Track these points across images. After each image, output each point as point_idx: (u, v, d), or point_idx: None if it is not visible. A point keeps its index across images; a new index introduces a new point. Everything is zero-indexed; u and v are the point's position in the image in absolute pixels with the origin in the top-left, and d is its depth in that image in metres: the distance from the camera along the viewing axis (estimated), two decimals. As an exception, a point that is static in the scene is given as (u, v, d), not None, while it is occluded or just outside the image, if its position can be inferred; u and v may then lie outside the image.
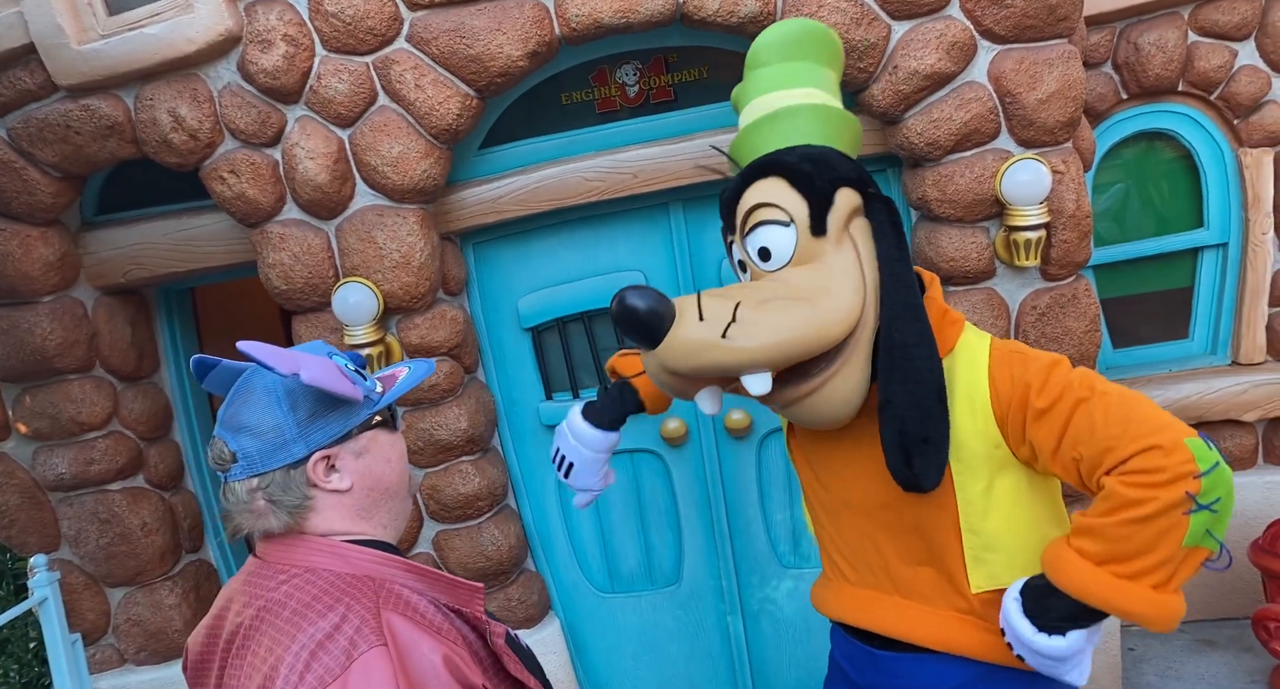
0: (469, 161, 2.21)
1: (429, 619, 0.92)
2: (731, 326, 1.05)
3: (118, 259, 2.23)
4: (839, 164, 1.17)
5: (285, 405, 0.93)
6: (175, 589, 2.32)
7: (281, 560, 0.94)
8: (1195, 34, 2.43)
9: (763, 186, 1.17)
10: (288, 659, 0.84)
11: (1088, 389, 1.06)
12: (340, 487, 0.96)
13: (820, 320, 1.08)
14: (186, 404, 2.46)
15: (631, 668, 2.52)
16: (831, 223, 1.14)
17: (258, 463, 0.93)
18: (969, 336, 1.20)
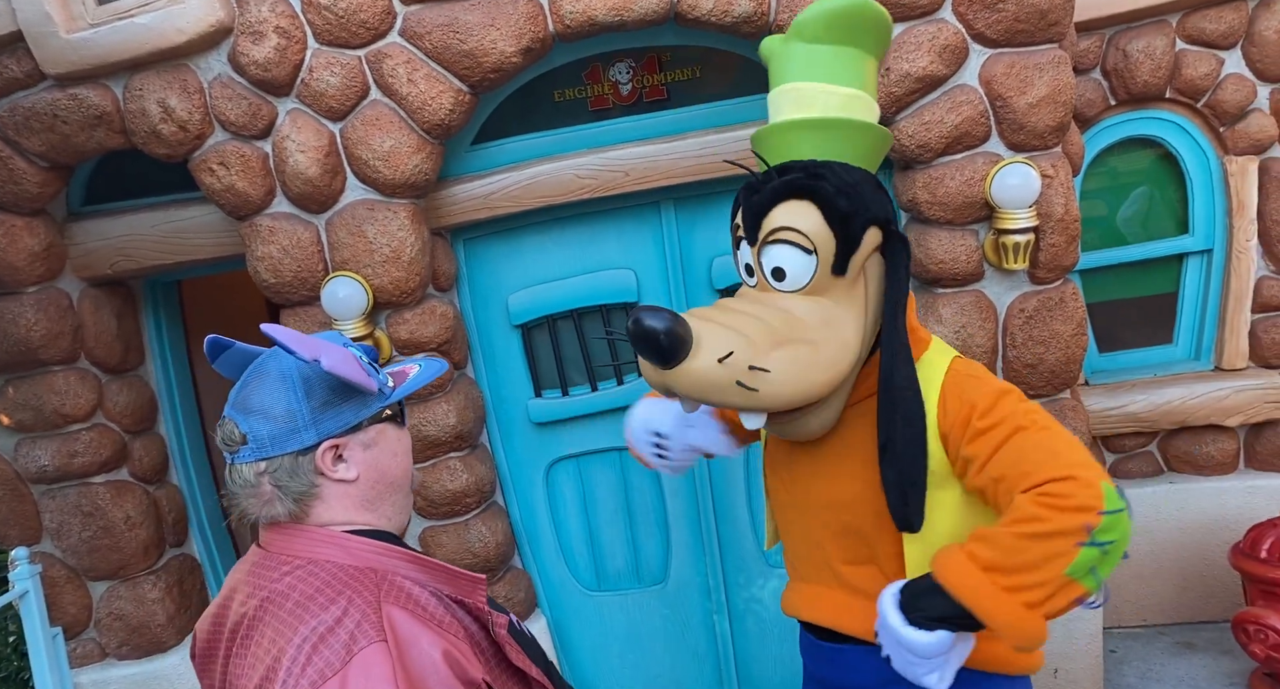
0: (461, 157, 2.21)
1: (430, 612, 0.92)
2: (748, 375, 1.06)
3: (104, 250, 2.22)
4: (872, 200, 1.15)
5: (300, 391, 0.93)
6: (159, 583, 2.30)
7: (284, 551, 0.95)
8: (1183, 42, 2.46)
9: (795, 210, 1.13)
10: (290, 651, 0.84)
11: (1029, 420, 1.08)
12: (347, 477, 0.96)
13: (827, 367, 1.11)
14: (172, 397, 2.44)
15: (618, 666, 2.52)
16: (853, 264, 1.14)
17: (268, 447, 0.93)
18: (931, 355, 1.22)
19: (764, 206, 1.15)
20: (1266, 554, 2.29)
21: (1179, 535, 2.67)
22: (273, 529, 0.97)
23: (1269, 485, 2.63)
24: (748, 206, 1.18)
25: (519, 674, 1.00)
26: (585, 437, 2.43)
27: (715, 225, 2.32)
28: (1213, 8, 2.41)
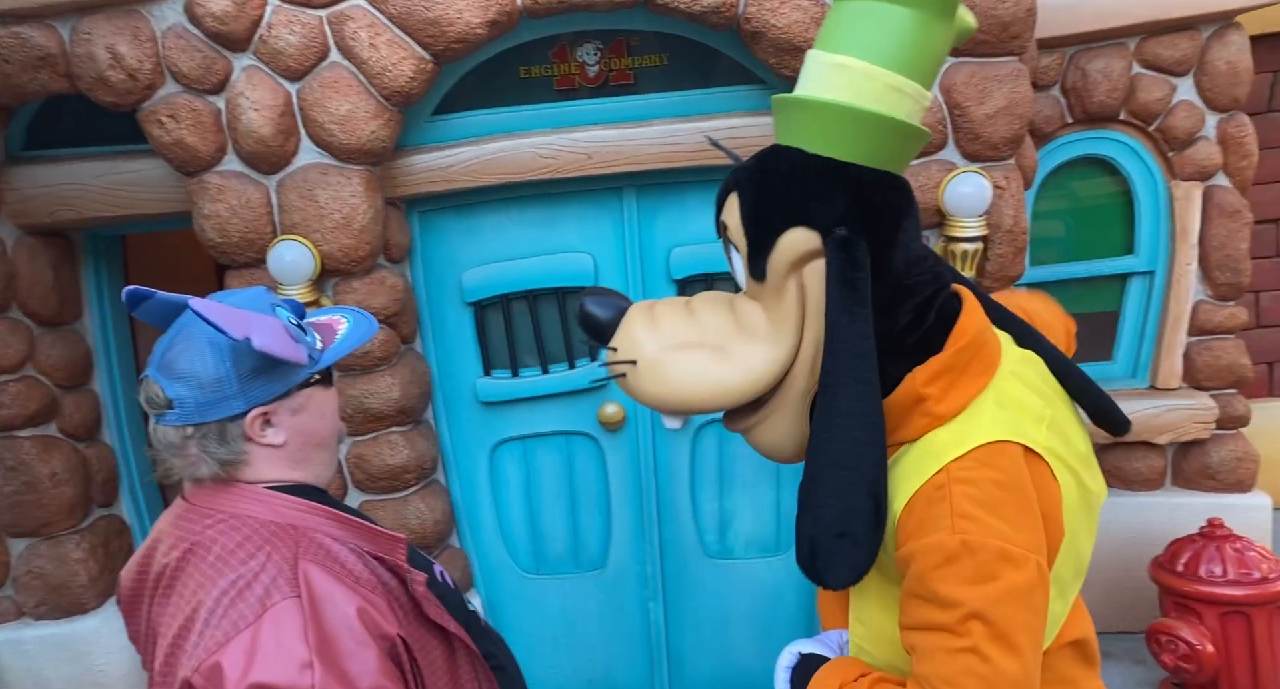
0: (420, 127, 2.18)
1: (349, 569, 0.94)
2: (636, 368, 1.04)
3: (44, 198, 2.14)
4: (805, 192, 0.96)
5: (229, 360, 0.93)
6: (83, 543, 2.24)
7: (208, 504, 0.96)
8: (1139, 66, 2.53)
9: (730, 203, 1.02)
10: (207, 603, 0.87)
11: (970, 641, 0.83)
12: (274, 441, 0.97)
13: (724, 378, 1.01)
14: (109, 354, 2.37)
15: (551, 649, 2.52)
16: (771, 269, 0.99)
17: (195, 414, 0.93)
18: (939, 436, 0.94)
19: (720, 199, 1.07)
20: (1183, 568, 2.38)
21: (1104, 547, 2.71)
22: (198, 484, 0.98)
23: (1191, 503, 2.72)
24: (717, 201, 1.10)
25: (438, 628, 1.02)
26: (533, 419, 2.42)
27: (676, 215, 2.33)
28: (1169, 34, 2.48)
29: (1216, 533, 2.39)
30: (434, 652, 1.01)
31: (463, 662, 1.06)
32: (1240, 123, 2.56)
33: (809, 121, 0.97)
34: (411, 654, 0.95)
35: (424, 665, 0.98)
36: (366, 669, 0.87)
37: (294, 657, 0.83)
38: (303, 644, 0.83)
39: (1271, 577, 2.28)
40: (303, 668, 0.82)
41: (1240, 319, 2.70)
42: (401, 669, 0.93)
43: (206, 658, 0.84)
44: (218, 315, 0.89)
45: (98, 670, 2.26)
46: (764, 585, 2.51)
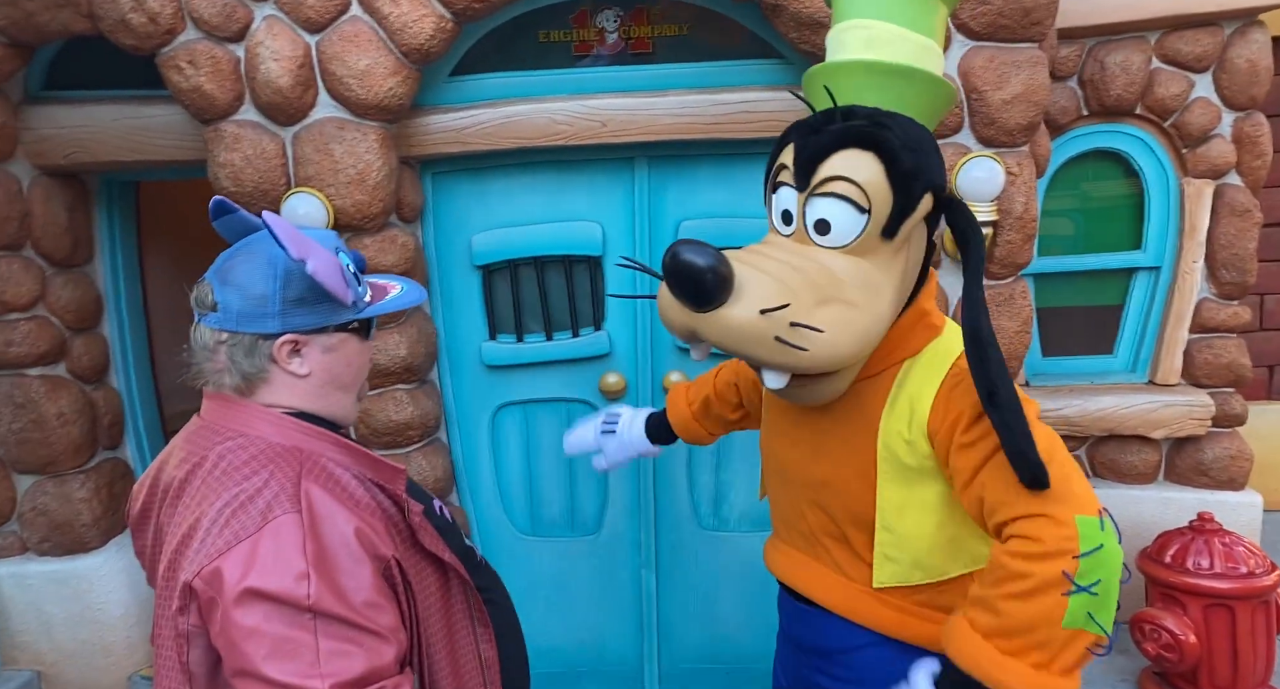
0: (438, 87, 2.19)
1: (350, 493, 0.97)
2: (790, 332, 0.98)
3: (60, 139, 2.16)
4: (934, 163, 1.06)
5: (280, 281, 0.96)
6: (87, 483, 2.27)
7: (220, 422, 0.99)
8: (1159, 61, 2.52)
9: (857, 160, 1.02)
10: (210, 513, 0.90)
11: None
12: (299, 372, 1.00)
13: (863, 333, 1.03)
14: (119, 298, 2.39)
15: (543, 609, 2.56)
16: (904, 229, 1.05)
17: (233, 322, 0.96)
18: (942, 343, 1.14)
19: (823, 151, 1.03)
20: (1171, 560, 2.41)
21: (1094, 537, 2.78)
22: (214, 399, 1.01)
23: (1182, 498, 2.75)
24: (802, 148, 1.05)
25: (433, 557, 1.06)
26: (535, 384, 2.45)
27: (688, 188, 2.34)
28: (1190, 30, 2.47)
29: (1206, 527, 2.41)
30: (428, 578, 1.05)
31: (456, 591, 1.09)
32: (1257, 122, 2.56)
33: (916, 93, 1.06)
34: (405, 576, 0.98)
35: (417, 589, 1.01)
36: (361, 585, 0.90)
37: (292, 567, 0.86)
38: (300, 556, 0.86)
39: (1258, 572, 2.30)
40: (299, 578, 0.85)
41: (1243, 319, 2.71)
42: (395, 589, 0.96)
43: (208, 563, 0.87)
44: (284, 232, 0.92)
45: (98, 608, 2.31)
46: (755, 560, 2.51)
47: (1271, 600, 2.34)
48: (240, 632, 0.85)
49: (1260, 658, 2.35)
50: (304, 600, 0.85)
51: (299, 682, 0.84)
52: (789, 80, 2.19)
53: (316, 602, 0.85)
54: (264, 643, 0.84)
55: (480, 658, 1.11)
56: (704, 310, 0.98)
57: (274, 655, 0.84)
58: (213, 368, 0.99)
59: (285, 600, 0.85)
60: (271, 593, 0.85)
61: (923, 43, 1.07)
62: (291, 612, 0.85)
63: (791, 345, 0.98)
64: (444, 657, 1.05)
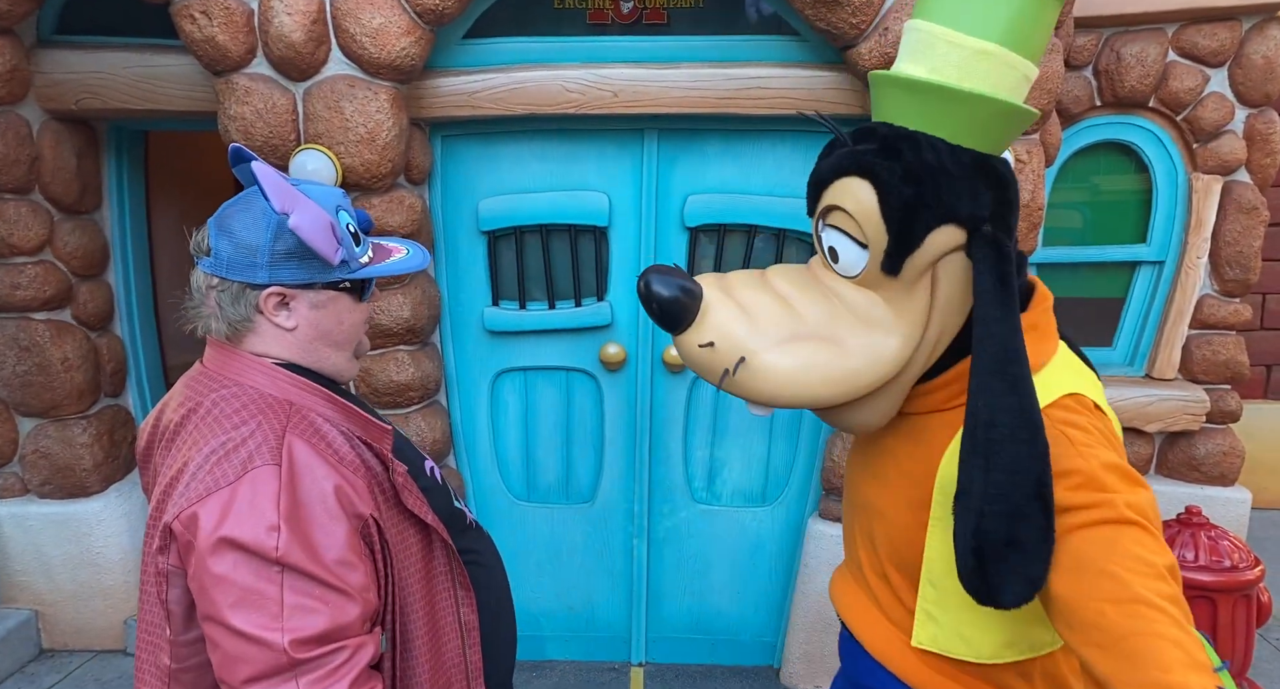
0: (450, 49, 2.18)
1: (334, 449, 0.98)
2: (741, 369, 0.94)
3: (71, 84, 2.16)
4: (954, 192, 0.92)
5: (271, 233, 0.96)
6: (89, 429, 2.29)
7: (218, 370, 1.00)
8: (1175, 53, 2.51)
9: (851, 190, 0.94)
10: (197, 459, 0.91)
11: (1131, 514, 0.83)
12: (285, 325, 1.00)
13: (841, 378, 0.95)
14: (125, 247, 2.40)
15: (535, 574, 2.60)
16: (909, 267, 0.94)
17: (223, 268, 0.97)
18: (1043, 378, 0.97)
19: (823, 179, 0.98)
20: (1155, 551, 2.43)
21: (1081, 528, 2.81)
22: (214, 347, 1.02)
23: (1172, 492, 2.77)
24: (813, 172, 1.02)
25: (417, 518, 1.06)
26: (536, 352, 2.46)
27: (696, 162, 2.34)
28: (1208, 23, 2.46)
29: (1193, 520, 2.43)
30: (410, 539, 1.05)
31: (439, 554, 1.10)
32: (1269, 119, 2.55)
33: (954, 111, 0.92)
34: (384, 536, 0.99)
35: (397, 550, 1.02)
36: (334, 542, 0.91)
37: (263, 519, 0.87)
38: (274, 509, 0.88)
39: (1241, 566, 2.33)
40: (269, 530, 0.87)
41: (1244, 316, 2.72)
42: (371, 549, 0.97)
43: (187, 507, 0.89)
44: (270, 183, 0.92)
45: (96, 552, 2.34)
46: (746, 534, 2.58)
47: (1253, 595, 2.37)
48: (210, 578, 0.86)
49: (1239, 651, 2.38)
50: (272, 552, 0.86)
51: (260, 633, 0.85)
52: (803, 58, 2.18)
53: (284, 554, 0.86)
54: (231, 592, 0.86)
55: (460, 622, 1.12)
56: (673, 333, 1.00)
57: (239, 605, 0.85)
58: (205, 312, 1.00)
59: (254, 551, 0.86)
60: (242, 542, 0.86)
61: (979, 49, 0.90)
62: (259, 563, 0.86)
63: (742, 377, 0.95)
64: (421, 619, 1.06)
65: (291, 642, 0.85)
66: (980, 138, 0.94)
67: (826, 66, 2.16)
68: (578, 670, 2.60)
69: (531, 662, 2.63)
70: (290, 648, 0.85)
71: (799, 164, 2.33)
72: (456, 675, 1.11)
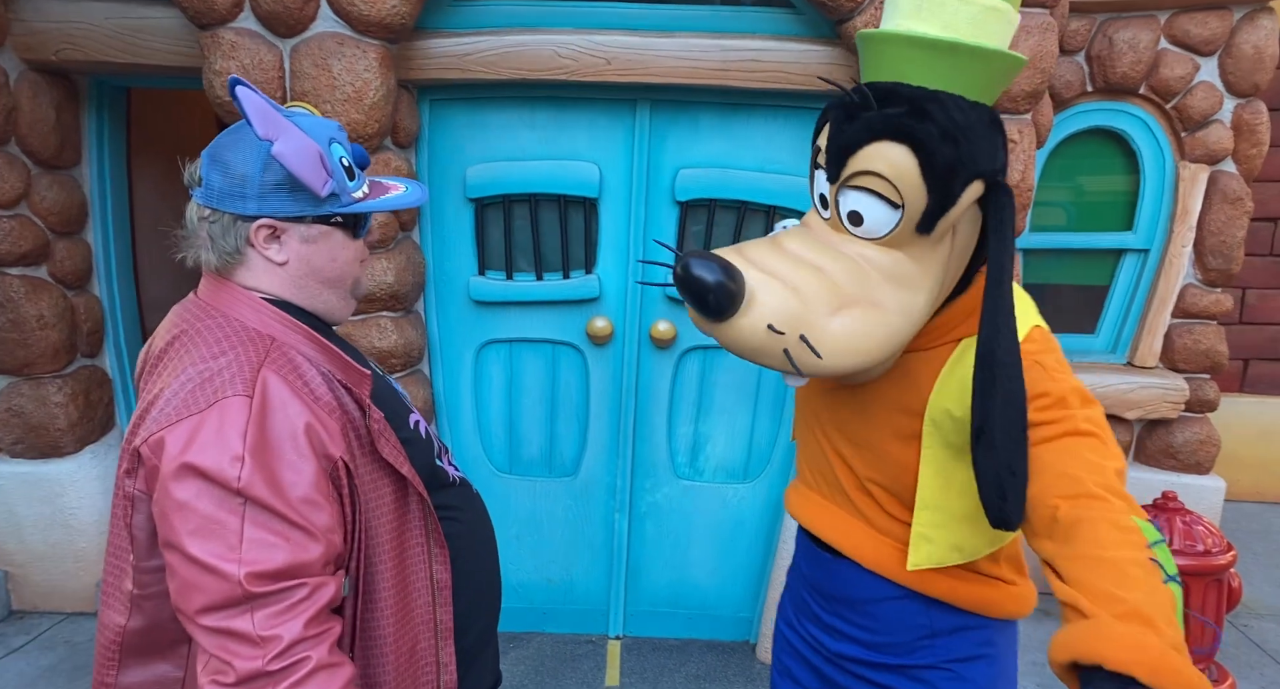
0: (441, 10, 2.15)
1: (311, 388, 0.96)
2: (797, 346, 0.94)
3: (51, 33, 2.10)
4: (981, 149, 0.96)
5: (260, 163, 0.95)
6: (64, 388, 2.25)
7: (207, 300, 1.00)
8: (1166, 41, 2.52)
9: (889, 154, 0.95)
10: (173, 386, 0.91)
11: (1089, 426, 0.93)
12: (275, 258, 0.99)
13: (886, 337, 0.98)
14: (104, 205, 2.36)
15: (515, 546, 2.59)
16: (942, 224, 0.97)
17: (214, 199, 0.96)
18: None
19: (854, 143, 0.98)
20: (1131, 535, 2.47)
21: (1059, 512, 2.84)
22: (209, 278, 1.01)
23: (1148, 478, 2.81)
24: (835, 136, 1.00)
25: (392, 468, 1.04)
26: (522, 323, 2.45)
27: (687, 135, 2.32)
28: (1200, 11, 2.47)
29: (1169, 505, 2.46)
30: (383, 488, 1.03)
31: (414, 507, 1.08)
32: (1257, 110, 2.57)
33: (973, 68, 0.95)
34: (353, 481, 0.97)
35: (368, 496, 1.00)
36: (300, 480, 0.90)
37: (228, 448, 0.86)
38: (239, 440, 0.87)
39: (1214, 551, 2.36)
40: (233, 460, 0.86)
41: (1225, 306, 2.75)
42: (339, 492, 0.96)
43: (156, 431, 0.88)
44: (254, 109, 0.90)
45: (69, 512, 2.30)
46: (727, 510, 2.58)
47: (1224, 580, 2.41)
48: (172, 504, 0.86)
49: (1209, 635, 2.42)
50: (234, 482, 0.85)
51: (216, 562, 0.84)
52: (798, 32, 2.17)
53: (246, 486, 0.86)
54: (191, 519, 0.85)
55: (432, 578, 1.10)
56: (715, 321, 0.96)
57: (198, 533, 0.85)
58: (198, 243, 0.99)
59: (216, 480, 0.85)
60: (204, 469, 0.85)
61: (989, 5, 0.94)
62: (221, 492, 0.86)
63: (802, 354, 0.94)
64: (390, 570, 1.04)
65: (247, 574, 0.84)
66: (989, 92, 0.98)
67: (821, 41, 2.15)
68: (555, 643, 2.60)
69: (509, 633, 2.63)
70: (245, 580, 0.84)
71: (790, 140, 2.32)
72: (424, 632, 1.09)
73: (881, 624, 1.19)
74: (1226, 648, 2.61)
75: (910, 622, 1.16)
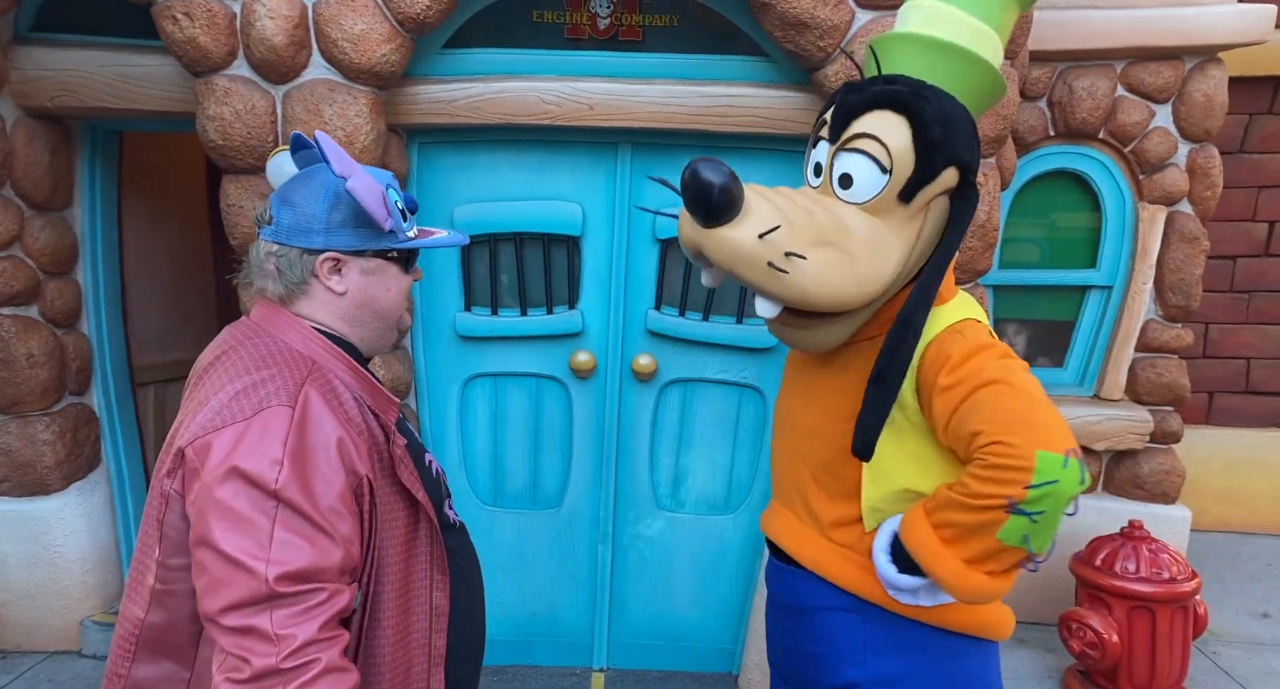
0: (430, 58, 2.23)
1: (345, 410, 1.04)
2: (782, 259, 1.04)
3: (46, 81, 2.16)
4: (965, 140, 1.10)
5: (328, 203, 1.06)
6: (52, 426, 2.27)
7: (259, 323, 1.09)
8: (1123, 88, 2.65)
9: (887, 121, 1.09)
10: (220, 396, 0.99)
11: (999, 376, 1.07)
12: (336, 288, 1.09)
13: (857, 282, 1.09)
14: (95, 246, 2.40)
15: (500, 578, 2.61)
16: (921, 196, 1.10)
17: (284, 235, 1.07)
18: (942, 311, 1.19)
19: (858, 108, 1.11)
20: (1100, 563, 2.53)
21: (1032, 540, 2.90)
22: (262, 304, 1.11)
23: (1117, 508, 2.88)
24: (842, 104, 1.13)
25: (406, 495, 1.11)
26: (507, 358, 2.50)
27: (668, 176, 2.38)
28: (1154, 62, 2.60)
29: (1135, 533, 2.54)
30: (397, 512, 1.09)
31: (423, 533, 1.14)
32: (1209, 154, 2.70)
33: (967, 74, 1.10)
34: (374, 499, 1.04)
35: (383, 516, 1.06)
36: (330, 491, 0.96)
37: (269, 452, 0.93)
38: (280, 445, 0.94)
39: (1179, 578, 2.43)
40: (273, 463, 0.93)
41: (1185, 341, 2.85)
42: (361, 508, 1.02)
43: (202, 434, 0.96)
44: (332, 150, 1.03)
45: (54, 550, 2.31)
46: (709, 541, 2.62)
47: (1190, 607, 2.47)
48: (210, 502, 0.92)
49: (1176, 661, 2.48)
50: (271, 483, 0.92)
51: (245, 559, 0.90)
52: (773, 79, 2.27)
53: (282, 488, 0.92)
54: (226, 517, 0.91)
55: (431, 603, 1.15)
56: (711, 226, 1.05)
57: (231, 530, 0.91)
58: (262, 276, 1.09)
59: (255, 481, 0.92)
60: (245, 471, 0.92)
61: (980, 28, 1.10)
62: (258, 494, 0.92)
63: (778, 269, 1.04)
64: (394, 590, 1.09)
65: (276, 575, 0.90)
66: (976, 103, 1.13)
67: (795, 87, 2.24)
68: (540, 675, 2.61)
69: (493, 666, 2.64)
70: (272, 579, 0.90)
71: (767, 181, 2.36)
72: (419, 656, 1.14)
73: (823, 633, 1.28)
74: (1196, 675, 2.67)
75: (850, 633, 1.24)
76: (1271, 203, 3.50)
